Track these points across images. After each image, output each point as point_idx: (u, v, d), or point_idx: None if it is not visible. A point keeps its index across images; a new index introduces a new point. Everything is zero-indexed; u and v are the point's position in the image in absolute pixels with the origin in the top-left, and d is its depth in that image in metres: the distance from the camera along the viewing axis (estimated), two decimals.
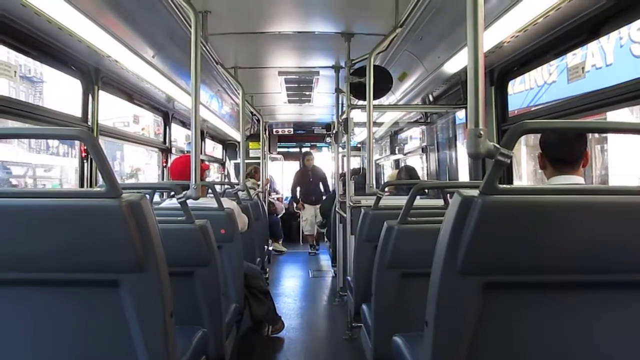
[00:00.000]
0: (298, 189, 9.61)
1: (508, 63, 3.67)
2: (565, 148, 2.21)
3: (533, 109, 4.43)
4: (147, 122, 7.30)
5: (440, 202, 3.64)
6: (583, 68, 3.07)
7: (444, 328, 1.46)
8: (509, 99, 3.96)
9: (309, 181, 9.50)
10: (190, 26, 2.72)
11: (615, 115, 3.01)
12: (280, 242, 9.78)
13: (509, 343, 1.48)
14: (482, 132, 1.36)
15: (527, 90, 5.17)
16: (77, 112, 3.65)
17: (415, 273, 2.62)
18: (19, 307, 1.62)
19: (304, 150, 10.92)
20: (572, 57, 3.46)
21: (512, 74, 3.82)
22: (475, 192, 1.37)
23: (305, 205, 9.40)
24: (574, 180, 2.18)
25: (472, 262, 1.39)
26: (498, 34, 3.06)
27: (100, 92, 3.80)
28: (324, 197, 9.11)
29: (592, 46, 4.13)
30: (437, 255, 1.46)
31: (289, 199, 11.29)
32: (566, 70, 3.45)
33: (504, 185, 1.38)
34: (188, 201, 2.57)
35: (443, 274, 1.42)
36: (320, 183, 9.60)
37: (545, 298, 1.47)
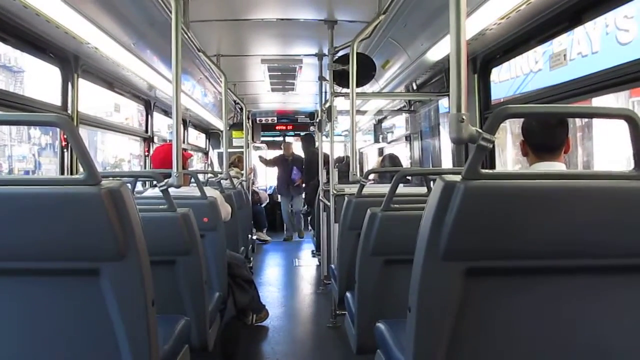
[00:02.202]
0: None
1: (491, 51, 3.67)
2: (547, 135, 2.23)
3: (516, 96, 4.44)
4: (131, 113, 7.21)
5: (423, 189, 3.65)
6: (565, 55, 3.07)
7: (426, 314, 1.46)
8: (494, 88, 3.97)
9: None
10: (171, 12, 2.67)
11: (600, 102, 3.02)
12: (264, 231, 9.75)
13: (492, 328, 1.48)
14: (464, 117, 1.35)
15: (512, 78, 5.18)
16: (58, 101, 3.59)
17: (398, 260, 2.63)
18: None
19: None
20: (559, 45, 3.47)
21: (495, 62, 3.82)
22: (457, 178, 1.36)
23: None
24: (556, 166, 2.20)
25: (454, 248, 1.39)
26: (481, 21, 3.05)
27: (80, 80, 3.73)
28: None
29: (579, 34, 4.14)
30: (419, 241, 1.45)
31: (272, 188, 11.25)
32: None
33: (487, 170, 1.37)
34: (170, 190, 2.54)
35: (425, 259, 1.42)
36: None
37: (528, 283, 1.47)
